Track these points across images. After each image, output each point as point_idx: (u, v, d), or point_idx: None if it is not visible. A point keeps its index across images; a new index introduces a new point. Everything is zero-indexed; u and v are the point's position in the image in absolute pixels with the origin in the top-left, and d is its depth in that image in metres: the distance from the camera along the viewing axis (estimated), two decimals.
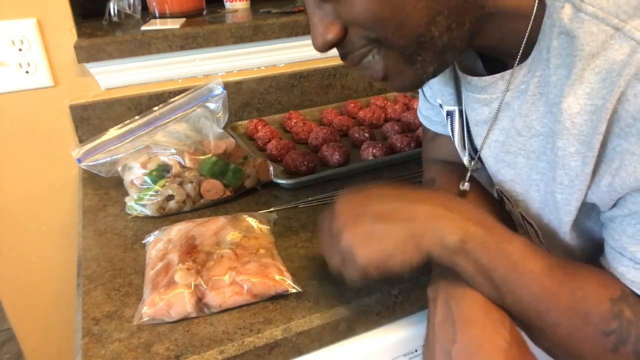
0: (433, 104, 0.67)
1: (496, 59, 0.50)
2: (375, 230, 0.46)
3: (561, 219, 0.47)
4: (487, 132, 0.52)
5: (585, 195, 0.44)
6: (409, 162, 0.88)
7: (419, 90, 0.70)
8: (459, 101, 0.58)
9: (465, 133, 0.58)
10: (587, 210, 0.46)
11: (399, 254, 0.45)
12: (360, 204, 0.48)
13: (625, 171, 0.39)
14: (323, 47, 0.44)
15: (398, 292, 0.60)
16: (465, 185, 0.57)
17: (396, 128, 0.97)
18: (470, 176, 0.60)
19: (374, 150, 0.88)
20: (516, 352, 0.43)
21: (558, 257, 0.46)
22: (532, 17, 0.43)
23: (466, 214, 0.46)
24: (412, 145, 0.90)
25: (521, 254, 0.44)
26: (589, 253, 0.51)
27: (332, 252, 0.50)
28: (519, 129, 0.48)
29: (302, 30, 1.05)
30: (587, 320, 0.43)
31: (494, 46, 0.49)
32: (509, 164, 0.51)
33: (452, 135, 0.61)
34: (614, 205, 0.43)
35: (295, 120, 1.03)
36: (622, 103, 0.38)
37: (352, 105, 1.09)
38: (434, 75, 0.47)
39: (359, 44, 0.44)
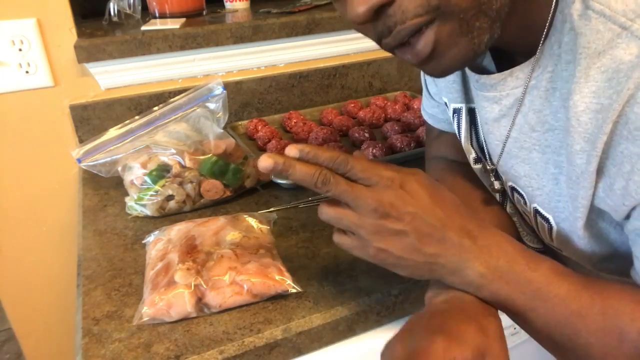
0: (438, 101, 0.67)
1: (505, 57, 0.50)
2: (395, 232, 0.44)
3: (574, 214, 0.47)
4: (500, 129, 0.51)
5: (596, 198, 0.43)
6: (409, 162, 0.88)
7: (423, 88, 0.70)
8: (466, 99, 0.58)
9: (473, 131, 0.58)
10: (600, 209, 0.46)
11: (410, 268, 0.46)
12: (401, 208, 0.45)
13: (639, 175, 0.39)
14: (366, 12, 0.37)
15: (398, 292, 0.60)
16: (496, 185, 0.57)
17: (396, 128, 0.97)
18: (472, 177, 0.60)
19: (374, 150, 0.88)
20: None
21: (587, 277, 0.45)
22: (552, 7, 0.42)
23: (487, 247, 0.45)
24: (412, 145, 0.90)
25: (544, 279, 0.44)
26: (602, 255, 0.51)
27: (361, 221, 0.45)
28: (532, 125, 0.48)
29: (302, 30, 1.05)
30: (622, 338, 0.42)
31: (511, 39, 0.46)
32: (523, 160, 0.50)
33: (459, 133, 0.60)
34: (631, 216, 0.42)
35: (295, 120, 1.03)
36: (631, 106, 0.37)
37: (352, 105, 1.09)
38: (485, 48, 0.42)
39: (413, 13, 0.38)
